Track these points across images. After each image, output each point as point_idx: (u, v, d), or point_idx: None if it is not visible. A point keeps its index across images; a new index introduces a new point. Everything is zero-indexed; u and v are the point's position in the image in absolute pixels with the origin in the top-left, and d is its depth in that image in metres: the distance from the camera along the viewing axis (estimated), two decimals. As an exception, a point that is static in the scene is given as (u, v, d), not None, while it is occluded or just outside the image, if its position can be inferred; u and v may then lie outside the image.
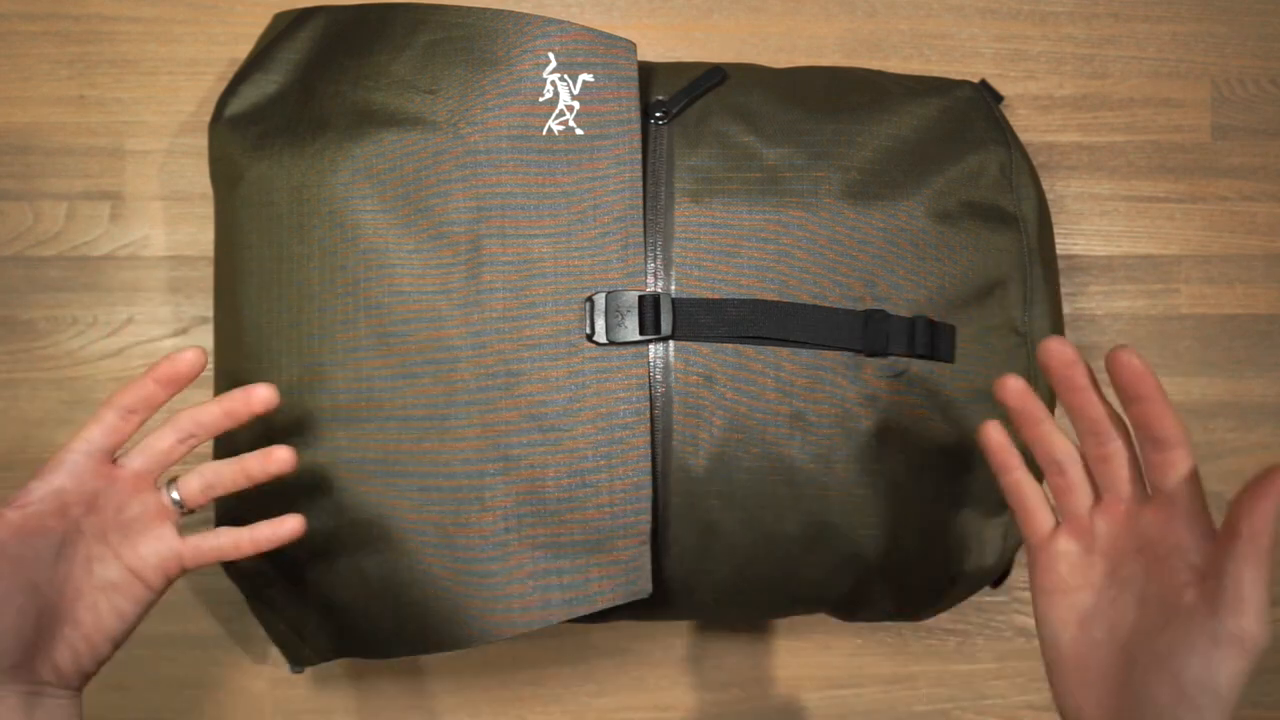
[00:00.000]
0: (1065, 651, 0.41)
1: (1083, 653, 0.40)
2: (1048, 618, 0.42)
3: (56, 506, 0.43)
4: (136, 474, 0.45)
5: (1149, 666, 0.37)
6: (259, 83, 0.55)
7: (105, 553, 0.45)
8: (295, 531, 0.47)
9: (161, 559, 0.45)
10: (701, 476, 0.51)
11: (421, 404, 0.50)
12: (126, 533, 0.45)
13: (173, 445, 0.46)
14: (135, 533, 0.45)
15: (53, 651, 0.43)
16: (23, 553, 0.42)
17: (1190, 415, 0.68)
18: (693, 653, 0.68)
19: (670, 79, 0.55)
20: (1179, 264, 0.68)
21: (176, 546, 0.46)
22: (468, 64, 0.51)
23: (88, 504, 0.44)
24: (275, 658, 0.66)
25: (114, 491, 0.45)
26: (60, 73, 0.65)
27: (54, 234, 0.65)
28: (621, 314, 0.49)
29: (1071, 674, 0.41)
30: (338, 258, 0.51)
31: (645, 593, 0.50)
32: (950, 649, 0.68)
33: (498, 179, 0.50)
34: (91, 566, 0.44)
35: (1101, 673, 0.40)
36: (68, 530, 0.44)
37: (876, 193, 0.52)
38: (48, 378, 0.65)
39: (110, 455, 0.45)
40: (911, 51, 0.68)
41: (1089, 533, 0.41)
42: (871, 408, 0.51)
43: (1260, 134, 0.69)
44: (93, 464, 0.44)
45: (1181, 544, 0.38)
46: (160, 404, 0.46)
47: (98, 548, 0.45)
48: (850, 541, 0.53)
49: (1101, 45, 0.68)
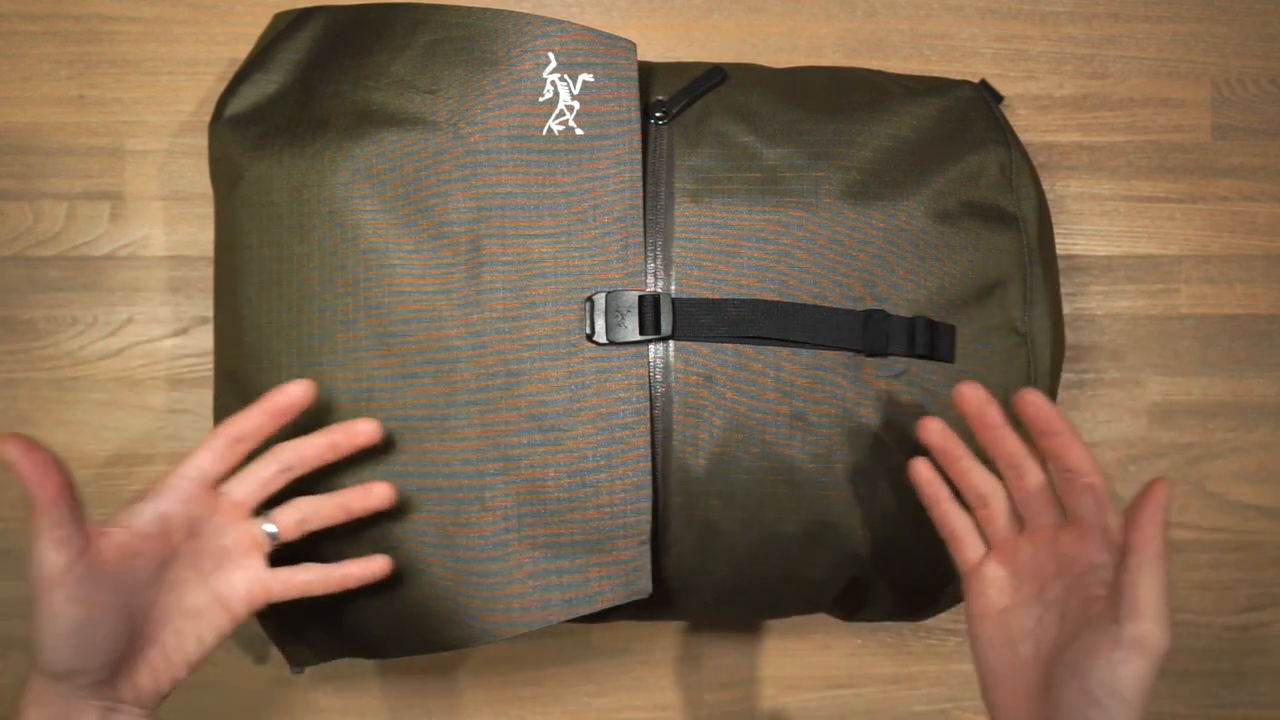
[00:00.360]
0: (996, 669, 0.44)
1: (1012, 670, 0.43)
2: (980, 639, 0.45)
3: (160, 530, 0.44)
4: (236, 503, 0.46)
5: (1062, 675, 0.40)
6: (259, 83, 0.55)
7: (196, 579, 0.45)
8: (383, 570, 0.48)
9: (249, 589, 0.46)
10: (701, 476, 0.51)
11: (421, 404, 0.50)
12: (219, 561, 0.46)
13: (274, 475, 0.47)
14: (227, 561, 0.46)
15: (135, 671, 0.43)
16: (123, 573, 0.42)
17: (1190, 415, 0.68)
18: (693, 653, 0.68)
19: (670, 79, 0.55)
20: (1179, 264, 0.68)
21: (265, 578, 0.46)
22: (468, 64, 0.51)
23: (189, 529, 0.45)
24: (275, 658, 0.66)
25: (214, 519, 0.46)
26: (60, 73, 0.65)
27: (54, 234, 0.65)
28: (621, 314, 0.49)
29: (1002, 690, 0.43)
30: (338, 258, 0.51)
31: (645, 593, 0.50)
32: (950, 649, 0.68)
33: (498, 179, 0.50)
34: (182, 591, 0.45)
35: (1028, 687, 0.42)
36: (166, 554, 0.44)
37: (876, 193, 0.52)
38: (48, 378, 0.65)
39: (215, 483, 0.46)
40: (911, 51, 0.68)
41: (1014, 558, 0.45)
42: (871, 408, 0.51)
43: (1260, 134, 0.69)
44: (198, 490, 0.45)
45: (1095, 562, 0.42)
46: (268, 435, 0.46)
47: (189, 573, 0.45)
48: (850, 541, 0.53)
49: (1101, 45, 0.68)
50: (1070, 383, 0.68)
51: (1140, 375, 0.68)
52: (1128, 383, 0.68)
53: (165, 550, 0.44)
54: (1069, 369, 0.68)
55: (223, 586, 0.45)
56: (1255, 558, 0.69)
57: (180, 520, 0.44)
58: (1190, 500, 0.68)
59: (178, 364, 0.65)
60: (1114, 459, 0.68)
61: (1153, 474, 0.68)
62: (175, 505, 0.44)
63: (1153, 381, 0.68)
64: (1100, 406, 0.68)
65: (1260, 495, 0.69)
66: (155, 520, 0.43)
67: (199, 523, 0.45)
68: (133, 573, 0.43)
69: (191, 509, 0.45)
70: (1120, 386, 0.68)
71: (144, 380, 0.65)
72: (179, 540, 0.44)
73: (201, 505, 0.45)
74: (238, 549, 0.46)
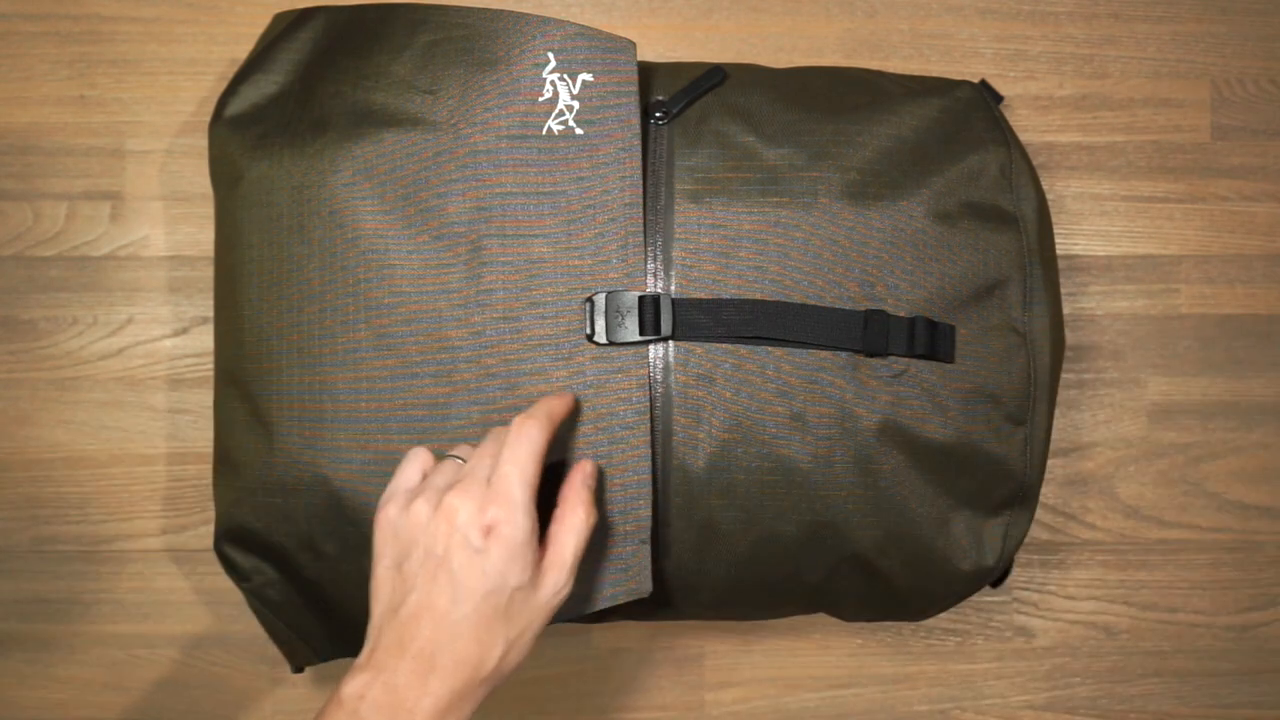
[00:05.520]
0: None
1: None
2: None
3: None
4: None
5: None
6: (259, 83, 0.55)
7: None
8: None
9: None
10: (701, 476, 0.51)
11: (422, 404, 0.50)
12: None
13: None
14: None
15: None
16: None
17: (1190, 415, 0.68)
18: (693, 653, 0.68)
19: (670, 79, 0.55)
20: (1179, 264, 0.68)
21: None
22: (468, 64, 0.51)
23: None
24: (275, 658, 0.66)
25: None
26: (60, 73, 0.65)
27: (54, 234, 0.65)
28: (621, 314, 0.49)
29: None
30: (338, 258, 0.51)
31: (645, 592, 0.50)
32: (950, 649, 0.68)
33: (498, 179, 0.50)
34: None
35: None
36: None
37: (876, 193, 0.52)
38: (48, 378, 0.65)
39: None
40: (911, 51, 0.68)
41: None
42: (871, 408, 0.51)
43: (1260, 134, 0.69)
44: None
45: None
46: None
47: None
48: (850, 541, 0.53)
49: (1101, 45, 0.68)
50: (1070, 383, 0.68)
51: (1140, 375, 0.68)
52: (1128, 383, 0.68)
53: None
54: (1069, 369, 0.68)
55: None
56: (1255, 558, 0.69)
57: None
58: (1190, 500, 0.68)
59: (178, 364, 0.65)
60: (1114, 459, 0.68)
61: (1153, 474, 0.68)
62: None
63: (1153, 381, 0.68)
64: (1100, 406, 0.68)
65: (1260, 495, 0.69)
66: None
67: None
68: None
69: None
70: (1120, 386, 0.68)
71: (144, 380, 0.65)
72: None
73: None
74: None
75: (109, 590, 0.65)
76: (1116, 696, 0.69)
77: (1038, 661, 0.69)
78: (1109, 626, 0.69)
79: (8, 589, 0.65)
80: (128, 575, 0.65)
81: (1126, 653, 0.69)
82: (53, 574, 0.65)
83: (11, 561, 0.65)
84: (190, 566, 0.66)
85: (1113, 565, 0.68)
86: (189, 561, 0.66)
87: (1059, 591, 0.68)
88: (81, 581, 0.65)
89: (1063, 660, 0.69)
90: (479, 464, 0.44)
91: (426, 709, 0.40)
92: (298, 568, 0.53)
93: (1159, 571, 0.69)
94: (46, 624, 0.65)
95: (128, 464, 0.65)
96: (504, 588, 0.42)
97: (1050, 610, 0.68)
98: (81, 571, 0.65)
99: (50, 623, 0.65)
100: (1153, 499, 0.68)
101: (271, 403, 0.51)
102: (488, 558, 0.41)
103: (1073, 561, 0.68)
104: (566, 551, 0.44)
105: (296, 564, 0.53)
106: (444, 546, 0.42)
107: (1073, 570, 0.68)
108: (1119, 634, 0.69)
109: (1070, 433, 0.68)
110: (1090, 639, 0.69)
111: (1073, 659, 0.69)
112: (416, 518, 0.43)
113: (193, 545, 0.65)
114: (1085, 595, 0.69)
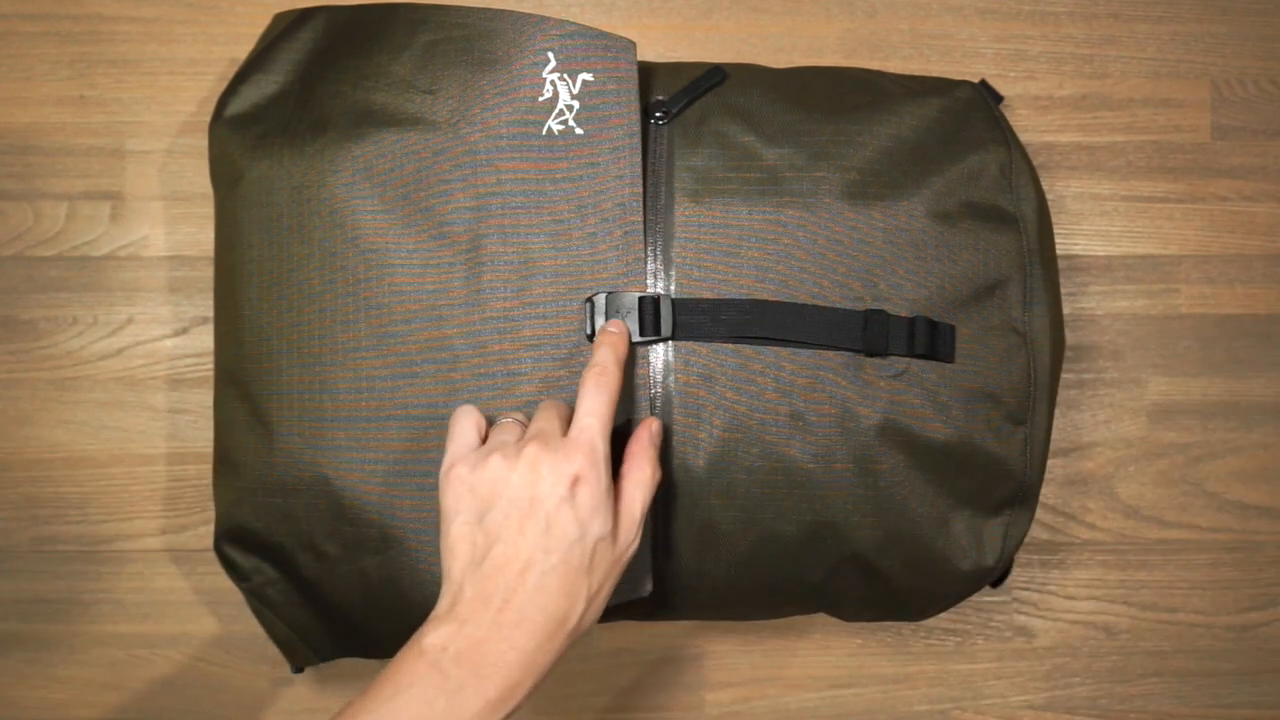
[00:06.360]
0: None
1: None
2: None
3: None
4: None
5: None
6: (259, 83, 0.55)
7: None
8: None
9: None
10: (701, 476, 0.51)
11: (422, 403, 0.50)
12: None
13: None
14: None
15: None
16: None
17: (1190, 415, 0.68)
18: (693, 653, 0.68)
19: (670, 79, 0.55)
20: (1179, 264, 0.68)
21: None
22: (467, 64, 0.51)
23: None
24: (275, 658, 0.66)
25: None
26: (60, 73, 0.65)
27: (54, 234, 0.65)
28: (621, 315, 0.49)
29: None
30: (338, 258, 0.51)
31: (645, 592, 0.50)
32: (950, 649, 0.68)
33: (498, 179, 0.50)
34: None
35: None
36: None
37: (876, 193, 0.52)
38: (48, 378, 0.65)
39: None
40: (911, 51, 0.68)
41: None
42: (871, 408, 0.51)
43: (1260, 134, 0.69)
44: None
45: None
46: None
47: None
48: (850, 541, 0.53)
49: (1101, 45, 0.68)
50: (1070, 383, 0.68)
51: (1140, 375, 0.68)
52: (1128, 383, 0.68)
53: None
54: (1069, 369, 0.68)
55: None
56: (1255, 558, 0.69)
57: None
58: (1190, 500, 0.68)
59: (178, 364, 0.65)
60: (1114, 459, 0.68)
61: (1153, 474, 0.68)
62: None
63: (1153, 381, 0.68)
64: (1100, 406, 0.68)
65: (1260, 495, 0.69)
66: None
67: None
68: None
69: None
70: (1120, 386, 0.68)
71: (144, 380, 0.65)
72: None
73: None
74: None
75: (109, 590, 0.65)
76: (1116, 696, 0.69)
77: (1038, 661, 0.69)
78: (1109, 626, 0.69)
79: (8, 589, 0.65)
80: (128, 575, 0.65)
81: (1126, 653, 0.69)
82: (53, 574, 0.65)
83: (11, 561, 0.65)
84: (190, 566, 0.66)
85: (1113, 565, 0.68)
86: (189, 561, 0.66)
87: (1059, 591, 0.68)
88: (81, 581, 0.65)
89: (1063, 660, 0.69)
90: (547, 423, 0.44)
91: (510, 662, 0.40)
92: (298, 568, 0.53)
93: (1159, 571, 0.69)
94: (46, 624, 0.65)
95: (128, 464, 0.65)
96: (589, 537, 0.41)
97: (1050, 610, 0.69)
98: (81, 571, 0.65)
99: (50, 623, 0.65)
100: (1153, 499, 0.68)
101: (271, 402, 0.51)
102: (576, 507, 0.41)
103: (1073, 561, 0.68)
104: (635, 506, 0.44)
105: (296, 564, 0.53)
106: (529, 497, 0.41)
107: (1073, 570, 0.68)
108: (1119, 634, 0.69)
109: (1070, 433, 0.68)
110: (1090, 639, 0.69)
111: (1073, 659, 0.69)
112: (496, 471, 0.42)
113: (193, 545, 0.65)
114: (1085, 595, 0.69)
